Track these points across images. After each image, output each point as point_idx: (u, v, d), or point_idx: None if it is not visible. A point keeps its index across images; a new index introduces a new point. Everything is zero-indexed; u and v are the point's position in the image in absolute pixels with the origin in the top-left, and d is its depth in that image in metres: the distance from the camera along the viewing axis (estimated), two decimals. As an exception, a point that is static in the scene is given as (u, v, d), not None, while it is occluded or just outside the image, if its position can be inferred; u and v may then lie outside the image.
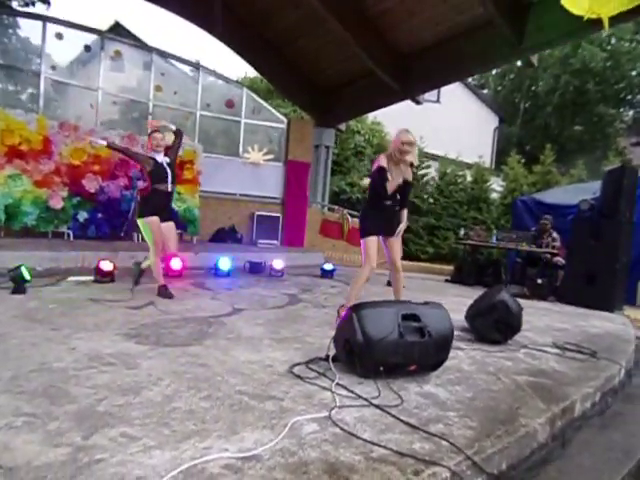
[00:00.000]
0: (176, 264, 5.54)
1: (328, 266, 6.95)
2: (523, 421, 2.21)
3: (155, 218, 4.28)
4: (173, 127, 4.50)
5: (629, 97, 23.85)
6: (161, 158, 4.33)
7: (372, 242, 3.80)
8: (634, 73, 22.49)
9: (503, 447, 1.98)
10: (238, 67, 36.24)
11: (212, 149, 9.25)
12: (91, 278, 4.86)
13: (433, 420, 2.11)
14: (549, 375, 2.97)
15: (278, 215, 9.73)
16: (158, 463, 1.56)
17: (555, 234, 7.09)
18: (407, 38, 8.15)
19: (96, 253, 5.65)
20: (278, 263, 6.45)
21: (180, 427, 1.83)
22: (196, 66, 9.31)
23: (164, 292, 4.31)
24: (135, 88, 8.82)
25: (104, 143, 4.55)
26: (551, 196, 8.86)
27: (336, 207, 11.07)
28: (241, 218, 9.49)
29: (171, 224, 4.51)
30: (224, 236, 9.08)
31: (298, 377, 2.48)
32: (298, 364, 2.68)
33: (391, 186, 3.74)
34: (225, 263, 6.03)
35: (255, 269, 6.63)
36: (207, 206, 8.78)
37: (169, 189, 4.37)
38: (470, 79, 20.87)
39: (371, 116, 14.29)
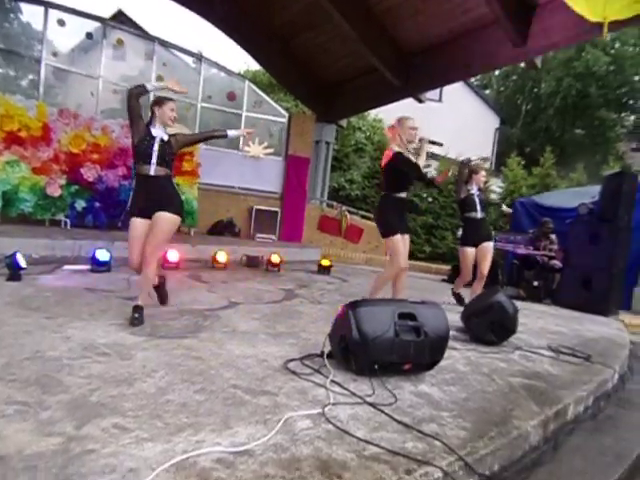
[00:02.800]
0: (173, 256, 5.52)
1: (325, 262, 6.93)
2: (516, 423, 2.22)
3: (133, 220, 3.23)
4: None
5: (631, 102, 23.84)
6: (158, 132, 3.24)
7: (400, 240, 3.84)
8: (637, 78, 22.48)
9: (495, 448, 1.99)
10: (240, 59, 35.96)
11: (212, 142, 9.19)
12: (87, 267, 4.83)
13: (427, 420, 2.11)
14: (543, 378, 2.97)
15: (277, 210, 9.70)
16: (150, 455, 1.55)
17: (554, 237, 7.11)
18: (411, 36, 8.12)
19: (92, 242, 5.62)
20: (275, 258, 6.44)
21: (173, 420, 1.82)
22: (198, 57, 9.24)
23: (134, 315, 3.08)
24: (136, 77, 8.73)
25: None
26: (550, 199, 8.87)
27: (335, 203, 11.04)
28: (239, 211, 9.46)
29: (158, 215, 3.18)
30: (222, 229, 9.06)
31: (293, 373, 2.48)
32: (293, 360, 2.68)
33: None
34: (221, 256, 6.02)
35: (252, 263, 6.61)
36: (206, 198, 8.75)
37: (151, 172, 3.18)
38: (473, 79, 20.85)
39: (372, 113, 14.23)
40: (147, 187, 3.23)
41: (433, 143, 3.96)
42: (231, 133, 3.66)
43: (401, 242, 3.88)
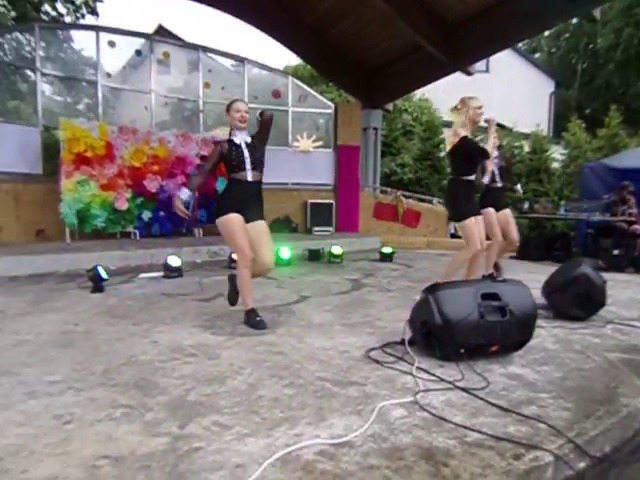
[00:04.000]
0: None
1: (387, 249, 6.84)
2: (623, 401, 2.07)
3: (234, 215, 3.13)
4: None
5: (703, 44, 21.63)
6: (240, 138, 3.24)
7: (474, 224, 3.79)
8: None
9: (605, 429, 1.86)
10: (281, 55, 36.24)
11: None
12: (161, 274, 5.05)
13: (524, 402, 2.01)
14: (644, 351, 2.76)
15: (331, 201, 9.68)
16: (253, 450, 1.58)
17: (633, 200, 6.59)
18: (454, 6, 7.76)
19: (162, 250, 5.87)
20: (337, 249, 6.43)
21: (269, 414, 1.85)
22: (241, 60, 9.36)
23: (253, 320, 3.14)
24: (184, 87, 9.01)
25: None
26: (622, 160, 8.22)
27: (389, 189, 10.87)
28: (294, 207, 9.53)
29: (261, 225, 3.27)
30: (279, 226, 9.17)
31: (376, 362, 2.45)
32: (374, 349, 2.65)
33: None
34: (285, 252, 6.09)
35: (314, 256, 6.64)
36: (261, 197, 8.88)
37: (248, 178, 3.20)
38: (520, 44, 19.75)
39: (418, 93, 13.84)
40: (245, 192, 3.23)
41: (501, 127, 3.84)
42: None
43: (475, 226, 3.77)
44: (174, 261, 4.99)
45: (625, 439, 1.98)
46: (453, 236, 10.43)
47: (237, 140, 3.23)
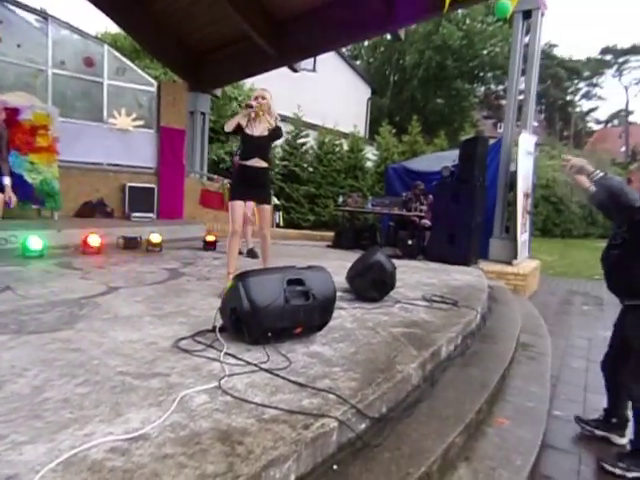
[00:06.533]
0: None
1: (210, 237, 6.76)
2: (399, 368, 2.44)
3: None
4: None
5: (481, 74, 26.55)
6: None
7: (237, 206, 3.95)
8: (485, 52, 25.01)
9: (383, 393, 2.17)
10: (97, 21, 32.36)
11: (70, 113, 8.25)
12: None
13: (320, 377, 2.22)
14: (420, 325, 3.30)
15: (153, 186, 9.13)
16: (31, 458, 1.42)
17: (430, 197, 7.70)
18: (281, 3, 8.00)
19: None
20: (155, 237, 6.10)
21: (54, 417, 1.68)
22: (44, 16, 8.11)
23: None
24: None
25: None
26: (417, 163, 9.61)
27: (215, 176, 10.73)
28: (110, 190, 8.71)
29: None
30: (92, 211, 8.30)
31: (185, 351, 2.42)
32: (184, 338, 2.61)
33: (254, 131, 3.93)
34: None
35: (130, 245, 6.19)
36: (69, 177, 7.89)
37: None
38: (344, 50, 21.41)
39: (249, 82, 13.93)
40: None
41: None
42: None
43: (238, 208, 3.97)
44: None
45: (399, 400, 2.35)
46: (278, 226, 10.85)
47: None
